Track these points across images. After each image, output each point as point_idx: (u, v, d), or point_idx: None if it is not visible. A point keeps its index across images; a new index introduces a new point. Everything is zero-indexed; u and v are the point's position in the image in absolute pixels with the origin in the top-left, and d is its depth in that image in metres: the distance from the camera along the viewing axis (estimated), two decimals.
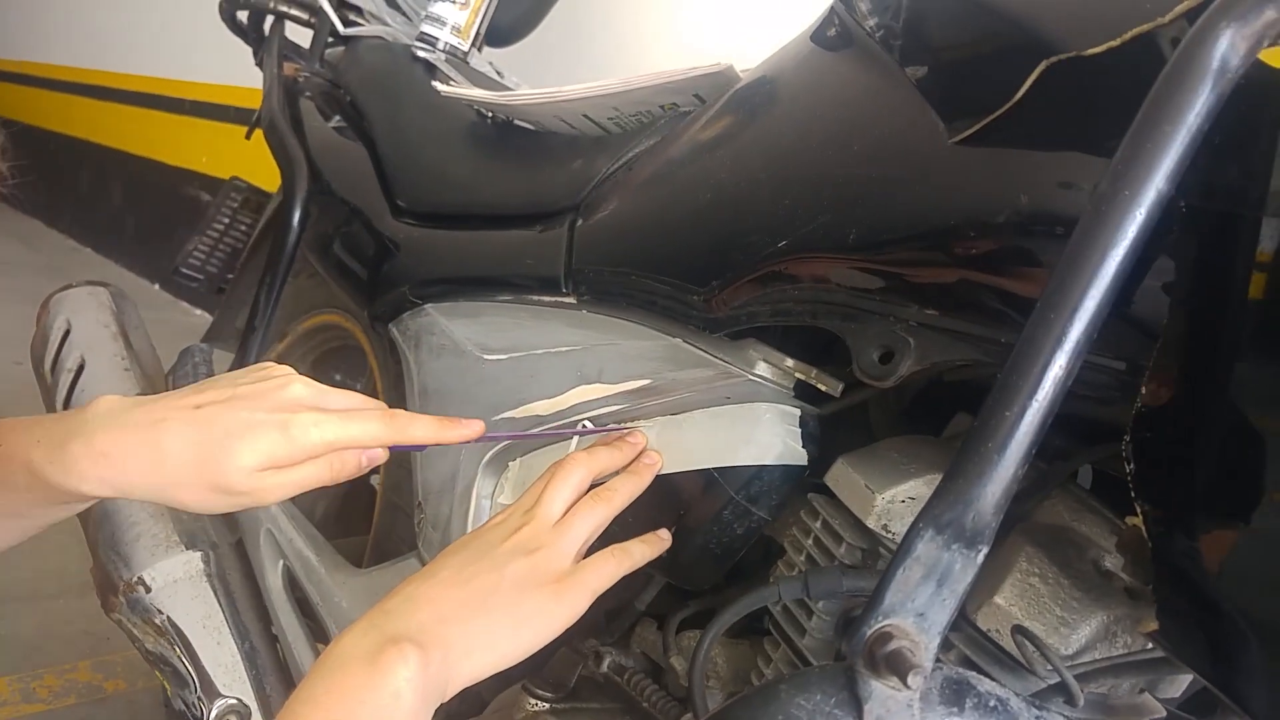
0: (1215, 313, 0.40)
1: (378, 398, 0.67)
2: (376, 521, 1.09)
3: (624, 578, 0.61)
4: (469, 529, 0.81)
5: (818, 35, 0.65)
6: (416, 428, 0.63)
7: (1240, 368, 0.40)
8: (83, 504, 0.63)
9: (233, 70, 3.06)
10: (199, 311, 3.59)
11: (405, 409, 0.93)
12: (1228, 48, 0.34)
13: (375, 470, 0.77)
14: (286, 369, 0.65)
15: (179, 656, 0.86)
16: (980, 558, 0.39)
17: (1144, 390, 0.41)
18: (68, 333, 1.12)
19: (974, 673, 0.47)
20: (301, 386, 0.63)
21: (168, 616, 0.87)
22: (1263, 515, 0.40)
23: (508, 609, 0.56)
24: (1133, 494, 0.42)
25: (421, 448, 0.67)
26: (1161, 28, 0.41)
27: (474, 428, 0.65)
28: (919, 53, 0.56)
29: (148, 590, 0.87)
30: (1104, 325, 0.39)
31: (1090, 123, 0.45)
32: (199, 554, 0.90)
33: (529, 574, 0.58)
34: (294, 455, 0.60)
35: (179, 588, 0.87)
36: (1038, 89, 0.46)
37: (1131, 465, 0.42)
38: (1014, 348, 0.38)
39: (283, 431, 0.59)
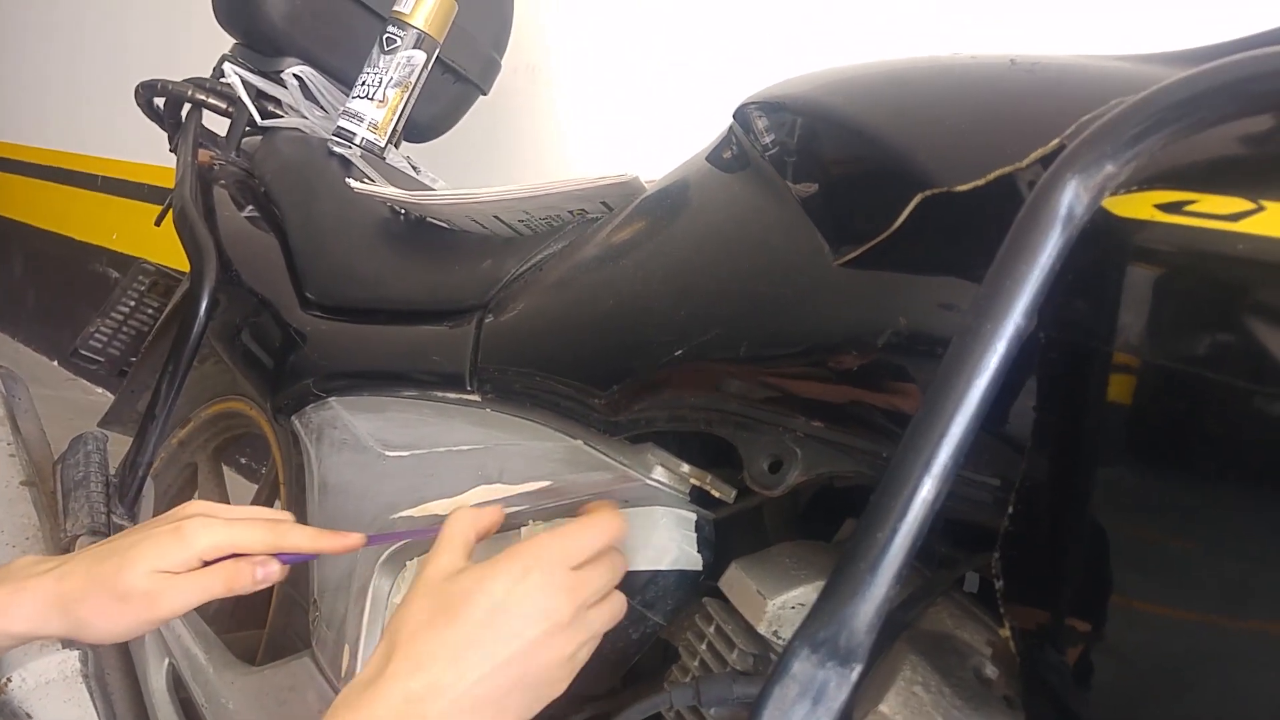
0: (1074, 438, 0.42)
1: (279, 488, 0.68)
2: (272, 616, 1.06)
3: None
4: (364, 629, 0.80)
5: (714, 156, 0.68)
6: (295, 536, 0.67)
7: (1098, 487, 0.42)
8: (7, 644, 0.67)
9: (149, 149, 3.03)
10: (100, 390, 3.48)
11: (305, 502, 0.92)
12: (1073, 197, 0.37)
13: None
14: (191, 503, 0.70)
15: None
16: (855, 675, 0.40)
17: (1010, 509, 0.43)
18: None
19: None
20: (198, 504, 0.69)
21: None
22: (1124, 627, 0.42)
23: (523, 707, 0.58)
24: (1001, 609, 0.44)
25: (310, 557, 0.70)
26: (1020, 171, 0.44)
27: (353, 539, 0.68)
28: (809, 175, 0.59)
29: (16, 692, 0.83)
30: (979, 445, 0.41)
31: (963, 252, 0.48)
32: (76, 653, 0.86)
33: (551, 672, 0.59)
34: (186, 556, 0.65)
35: (51, 689, 0.83)
36: (915, 219, 0.49)
37: (1000, 581, 0.44)
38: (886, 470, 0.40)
39: (174, 534, 0.65)
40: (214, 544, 0.65)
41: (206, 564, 0.66)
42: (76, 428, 1.15)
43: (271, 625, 1.06)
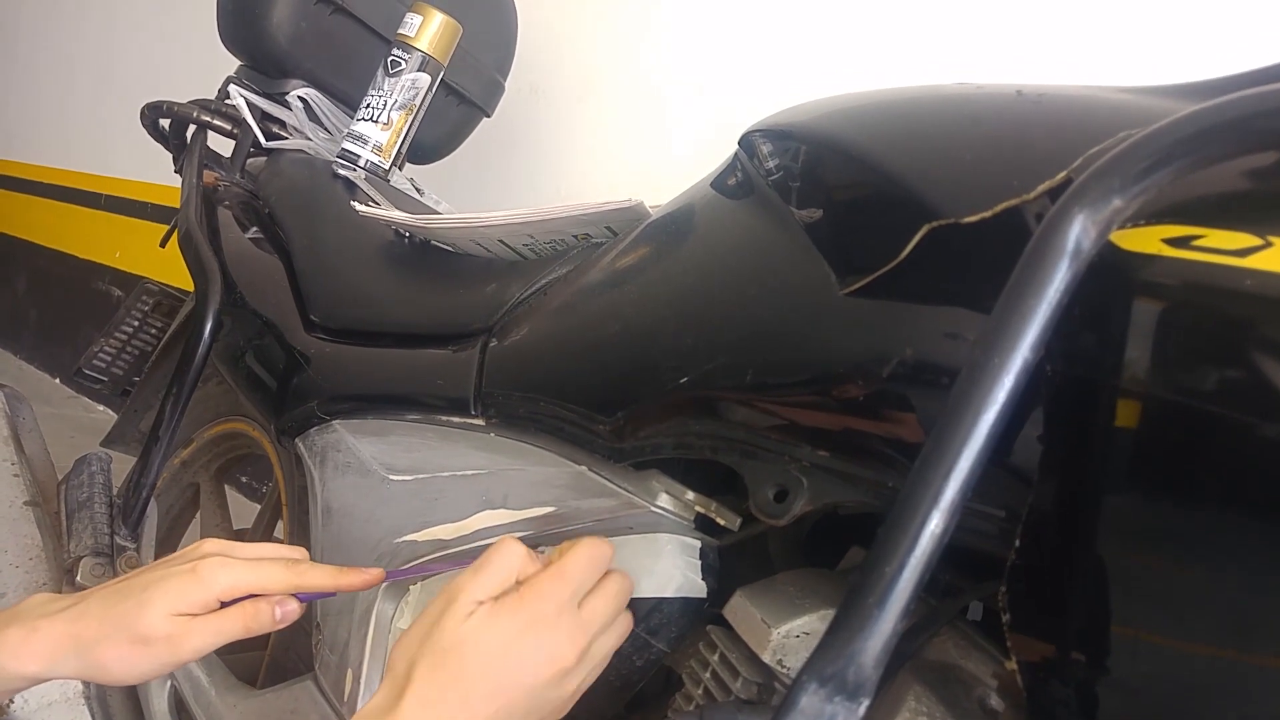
0: (1081, 470, 0.42)
1: (281, 509, 0.68)
2: (274, 638, 1.06)
3: None
4: (367, 653, 0.79)
5: (719, 183, 0.68)
6: (314, 576, 0.67)
7: (1105, 520, 0.42)
8: (19, 685, 0.65)
9: (153, 168, 3.04)
10: (101, 408, 3.48)
11: (309, 525, 0.92)
12: (1080, 232, 0.37)
13: None
14: (205, 541, 0.69)
15: None
16: (862, 710, 0.40)
17: (1017, 541, 0.43)
18: None
19: None
20: (212, 543, 0.68)
21: None
22: (1130, 660, 0.42)
23: None
24: (1007, 641, 0.44)
25: (328, 594, 0.69)
26: (1027, 203, 0.44)
27: (372, 575, 0.68)
28: (814, 203, 0.60)
29: (18, 714, 0.83)
30: (985, 477, 0.41)
31: (970, 283, 0.48)
32: None
33: (556, 705, 0.59)
34: (205, 598, 0.64)
35: (53, 711, 0.83)
36: (921, 249, 0.49)
37: (1007, 613, 0.44)
38: (894, 503, 0.40)
39: (192, 575, 0.64)
40: (232, 585, 0.65)
41: (223, 604, 0.65)
42: (78, 445, 1.15)
43: (273, 647, 1.05)
